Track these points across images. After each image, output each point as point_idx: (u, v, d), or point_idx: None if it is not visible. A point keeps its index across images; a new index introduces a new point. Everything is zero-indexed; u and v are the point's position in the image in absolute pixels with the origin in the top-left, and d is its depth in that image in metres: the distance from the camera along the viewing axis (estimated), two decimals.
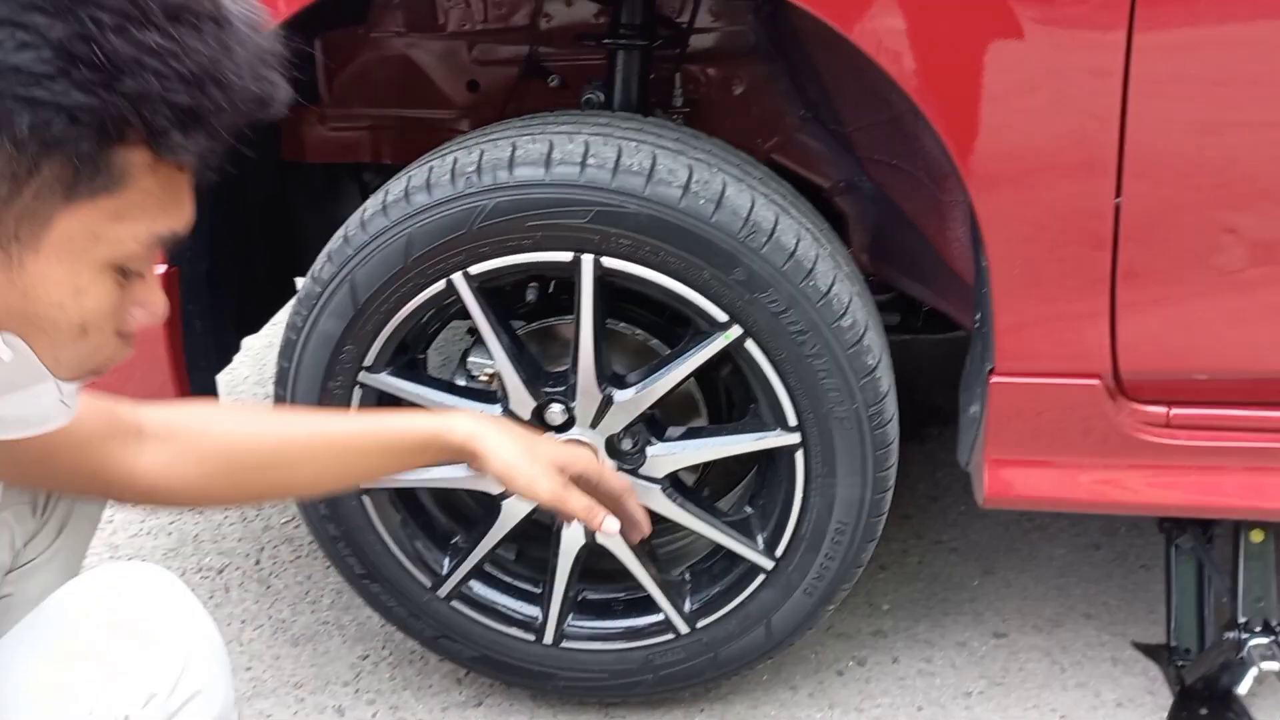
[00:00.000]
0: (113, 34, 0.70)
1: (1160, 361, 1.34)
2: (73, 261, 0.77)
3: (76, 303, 0.79)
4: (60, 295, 0.78)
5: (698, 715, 1.65)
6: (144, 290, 0.84)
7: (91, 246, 0.78)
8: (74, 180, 0.74)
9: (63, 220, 0.75)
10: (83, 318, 0.80)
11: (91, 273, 0.79)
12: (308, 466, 1.13)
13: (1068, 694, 1.68)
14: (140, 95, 0.72)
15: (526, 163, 1.32)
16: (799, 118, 1.77)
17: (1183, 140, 1.26)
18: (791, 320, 1.35)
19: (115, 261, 0.79)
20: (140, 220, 0.79)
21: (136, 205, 0.78)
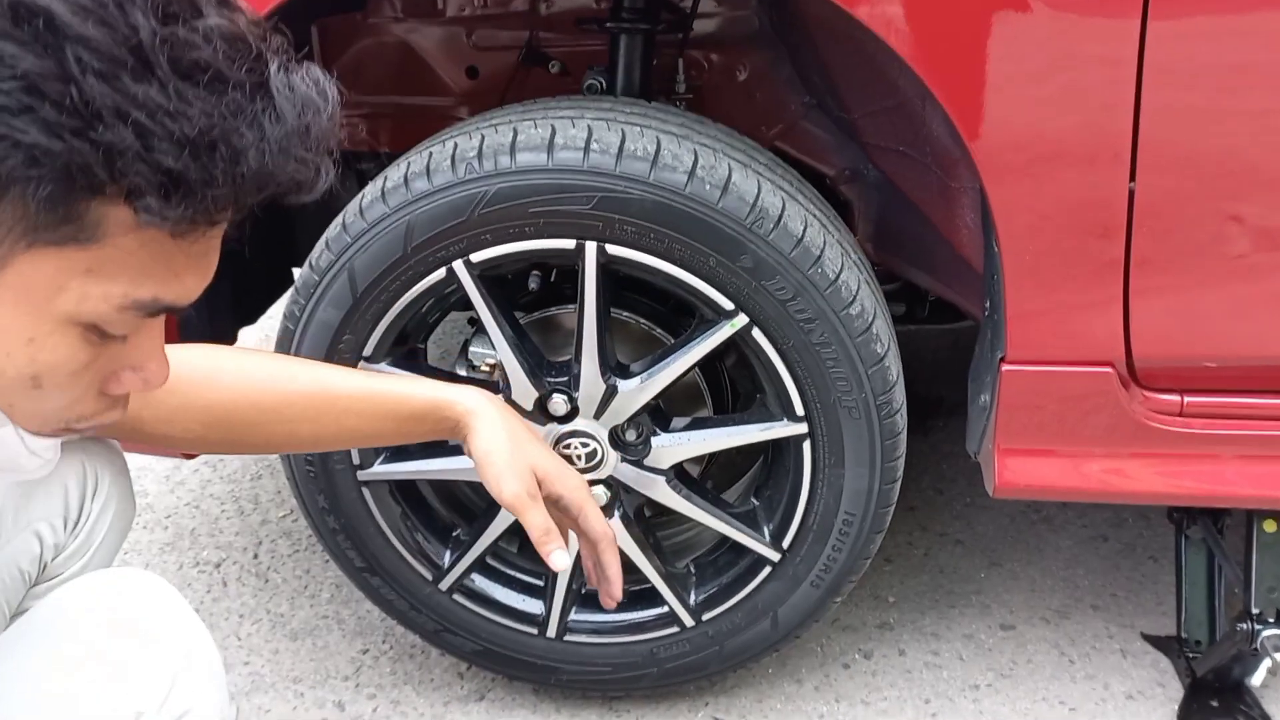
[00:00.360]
0: (95, 78, 0.64)
1: (1174, 349, 1.31)
2: (29, 309, 0.71)
3: (26, 353, 0.72)
4: (10, 343, 0.72)
5: (702, 709, 1.63)
6: (136, 354, 0.78)
7: (54, 297, 0.71)
8: (35, 224, 0.67)
9: (22, 263, 0.69)
10: (34, 370, 0.73)
11: (50, 325, 0.72)
12: (308, 425, 1.12)
13: (1077, 686, 1.67)
14: (114, 148, 0.65)
15: (528, 148, 1.30)
16: (803, 105, 1.75)
17: (1197, 128, 1.24)
18: (799, 308, 1.33)
19: (82, 319, 0.72)
20: (116, 281, 0.71)
21: (113, 264, 0.71)
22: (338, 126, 0.75)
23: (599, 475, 1.47)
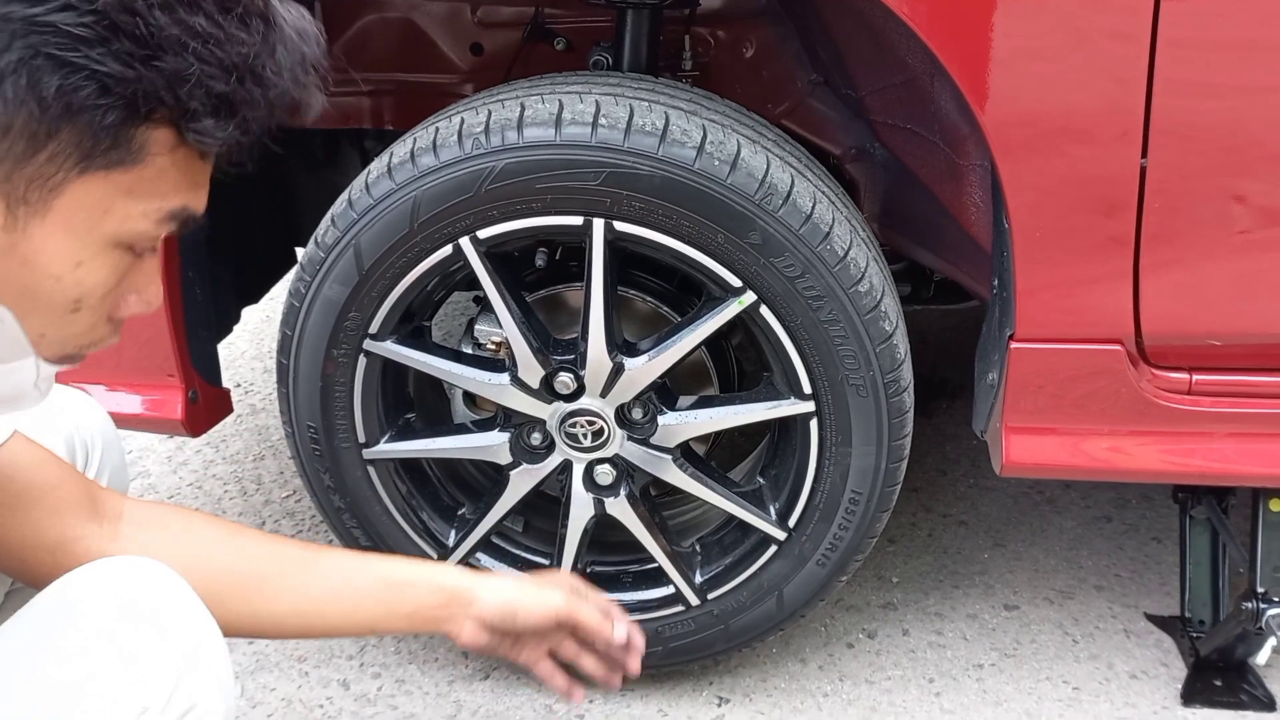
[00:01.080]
0: (160, 10, 0.70)
1: (1184, 326, 1.31)
2: (79, 233, 0.76)
3: (75, 277, 0.77)
4: (60, 267, 0.76)
5: (707, 688, 1.63)
6: (143, 277, 0.83)
7: (100, 220, 0.76)
8: (92, 150, 0.73)
9: (74, 189, 0.74)
10: (80, 293, 0.78)
11: (96, 247, 0.77)
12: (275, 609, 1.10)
13: (1080, 666, 1.67)
14: (178, 75, 0.72)
15: (536, 123, 1.29)
16: (810, 82, 1.74)
17: (1209, 104, 1.23)
18: (807, 285, 1.32)
19: (122, 238, 0.78)
20: (153, 198, 0.78)
21: (151, 182, 0.77)
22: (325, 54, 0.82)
23: (605, 454, 1.47)
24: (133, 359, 1.52)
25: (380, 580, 1.14)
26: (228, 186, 0.92)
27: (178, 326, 1.48)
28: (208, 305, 1.57)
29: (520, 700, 1.61)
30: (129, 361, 1.52)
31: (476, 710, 1.60)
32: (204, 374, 1.55)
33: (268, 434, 2.33)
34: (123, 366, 1.52)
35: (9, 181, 0.72)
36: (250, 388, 2.53)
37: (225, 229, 1.60)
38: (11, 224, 0.74)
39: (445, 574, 1.17)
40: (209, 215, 0.98)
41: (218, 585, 1.02)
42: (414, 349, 1.44)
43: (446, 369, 1.45)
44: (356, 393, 1.45)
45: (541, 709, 1.59)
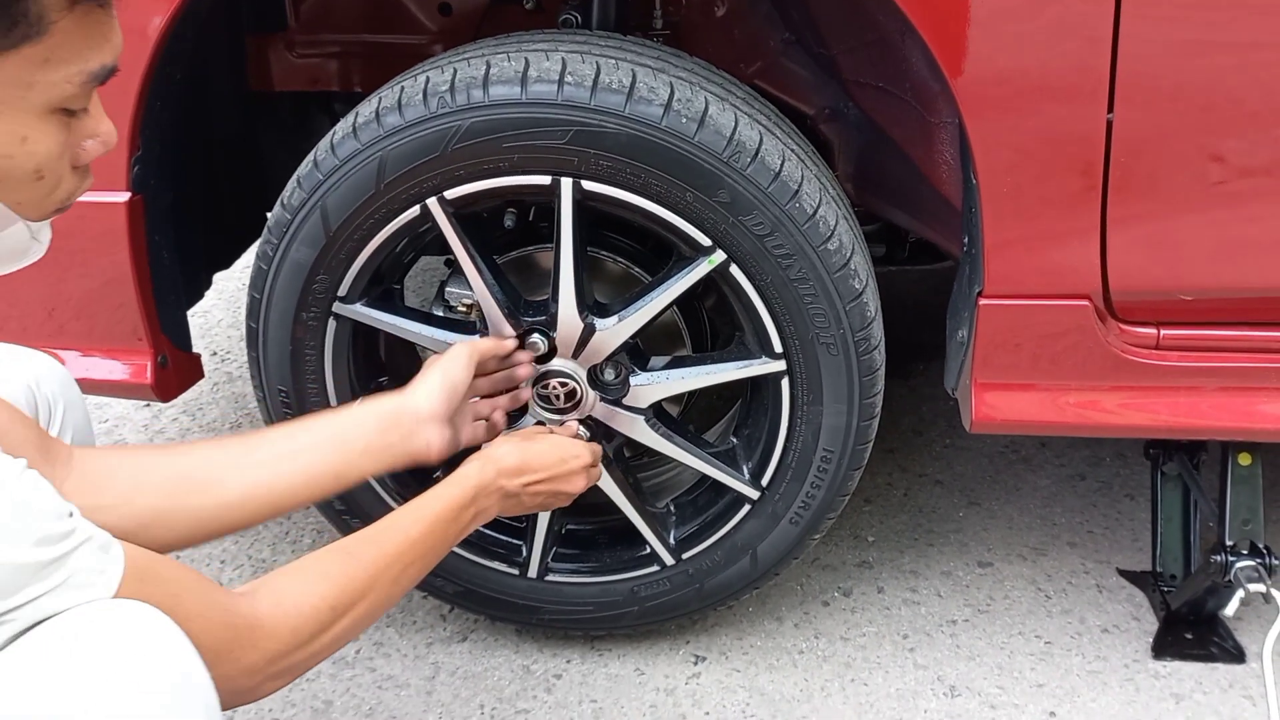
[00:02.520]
0: None
1: (1151, 281, 1.31)
2: (11, 113, 0.81)
3: (25, 150, 0.82)
4: (8, 147, 0.82)
5: (683, 647, 1.64)
6: (91, 123, 0.88)
7: (26, 94, 0.81)
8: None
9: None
10: (35, 163, 0.83)
11: (33, 119, 0.82)
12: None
13: (1053, 620, 1.69)
14: None
15: (501, 81, 1.28)
16: (782, 41, 1.73)
17: (1174, 61, 1.23)
18: (777, 243, 1.32)
19: (54, 105, 0.82)
20: (69, 61, 0.82)
21: (61, 47, 0.80)
22: None
23: (578, 415, 1.47)
24: (103, 325, 1.50)
25: (322, 433, 1.20)
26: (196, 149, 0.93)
27: (146, 292, 1.47)
28: (176, 271, 1.55)
29: (498, 661, 1.62)
30: (99, 327, 1.51)
31: (455, 671, 1.61)
32: (174, 339, 1.54)
33: (244, 401, 2.32)
34: (93, 332, 1.51)
35: None
36: (226, 355, 2.52)
37: (193, 195, 1.60)
38: None
39: (380, 401, 1.24)
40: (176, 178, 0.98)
41: (169, 491, 1.08)
42: (384, 311, 1.43)
43: (417, 331, 1.44)
44: (327, 356, 1.45)
45: (519, 669, 1.61)
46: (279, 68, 1.75)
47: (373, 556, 1.09)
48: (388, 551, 1.11)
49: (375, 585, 1.08)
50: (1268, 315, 1.35)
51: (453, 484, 1.24)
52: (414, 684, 1.58)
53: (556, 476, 1.33)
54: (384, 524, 1.16)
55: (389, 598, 1.12)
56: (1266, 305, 1.34)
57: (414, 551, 1.14)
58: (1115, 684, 1.56)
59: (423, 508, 1.19)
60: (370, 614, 1.08)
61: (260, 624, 0.95)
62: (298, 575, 1.03)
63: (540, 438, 1.37)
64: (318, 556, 1.07)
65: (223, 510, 1.12)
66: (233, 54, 1.73)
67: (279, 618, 0.97)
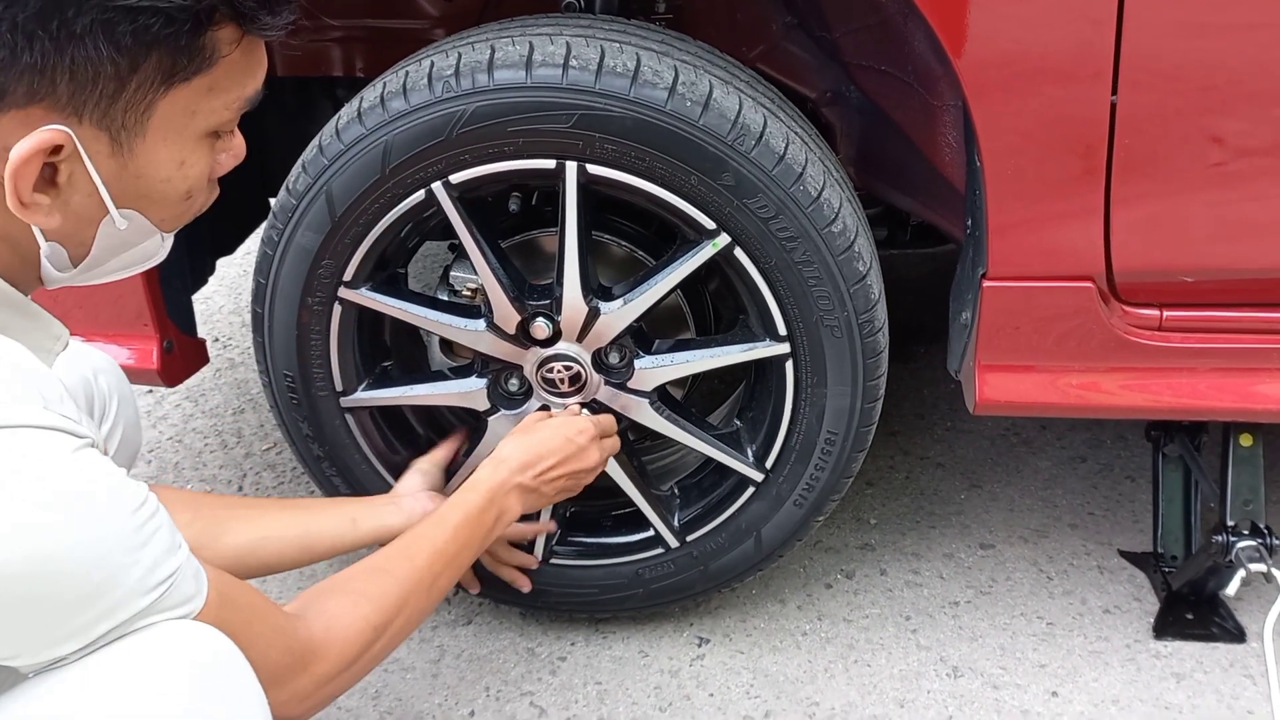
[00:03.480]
0: None
1: (1154, 262, 1.32)
2: (175, 139, 0.85)
3: (182, 174, 0.87)
4: (167, 171, 0.86)
5: (688, 629, 1.65)
6: (229, 139, 0.93)
7: (190, 122, 0.85)
8: (172, 69, 0.82)
9: (164, 105, 0.83)
10: (188, 185, 0.89)
11: (192, 144, 0.87)
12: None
13: (1054, 602, 1.70)
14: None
15: (506, 65, 1.28)
16: (785, 24, 1.72)
17: (1178, 42, 1.23)
18: (781, 226, 1.32)
19: (210, 129, 0.88)
20: (230, 90, 0.87)
21: (226, 77, 0.85)
22: None
23: (582, 399, 1.47)
24: (108, 310, 1.51)
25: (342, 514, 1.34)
26: None
27: (151, 278, 1.48)
28: (181, 256, 1.56)
29: (503, 644, 1.63)
30: (105, 313, 1.51)
31: (460, 654, 1.61)
32: (179, 324, 1.55)
33: (247, 387, 2.33)
34: (99, 318, 1.52)
35: (107, 116, 0.81)
36: (229, 342, 2.52)
37: None
38: (118, 150, 0.83)
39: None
40: None
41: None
42: (389, 296, 1.44)
43: (422, 316, 1.44)
44: (332, 341, 1.45)
45: (524, 652, 1.61)
46: (281, 53, 1.75)
47: (406, 572, 1.13)
48: (419, 565, 1.15)
49: (411, 599, 1.12)
50: (1270, 296, 1.35)
51: (468, 490, 1.29)
52: (419, 667, 1.59)
53: (568, 458, 1.35)
54: (410, 537, 1.20)
55: (423, 610, 1.16)
56: (1269, 286, 1.35)
57: (443, 560, 1.18)
58: (1117, 664, 1.57)
59: (444, 518, 1.23)
60: (407, 628, 1.12)
61: (315, 649, 0.98)
62: (342, 596, 1.06)
63: (541, 425, 1.39)
64: (354, 575, 1.11)
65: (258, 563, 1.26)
66: None
67: (329, 642, 1.00)
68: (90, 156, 0.82)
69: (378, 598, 1.07)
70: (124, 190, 0.85)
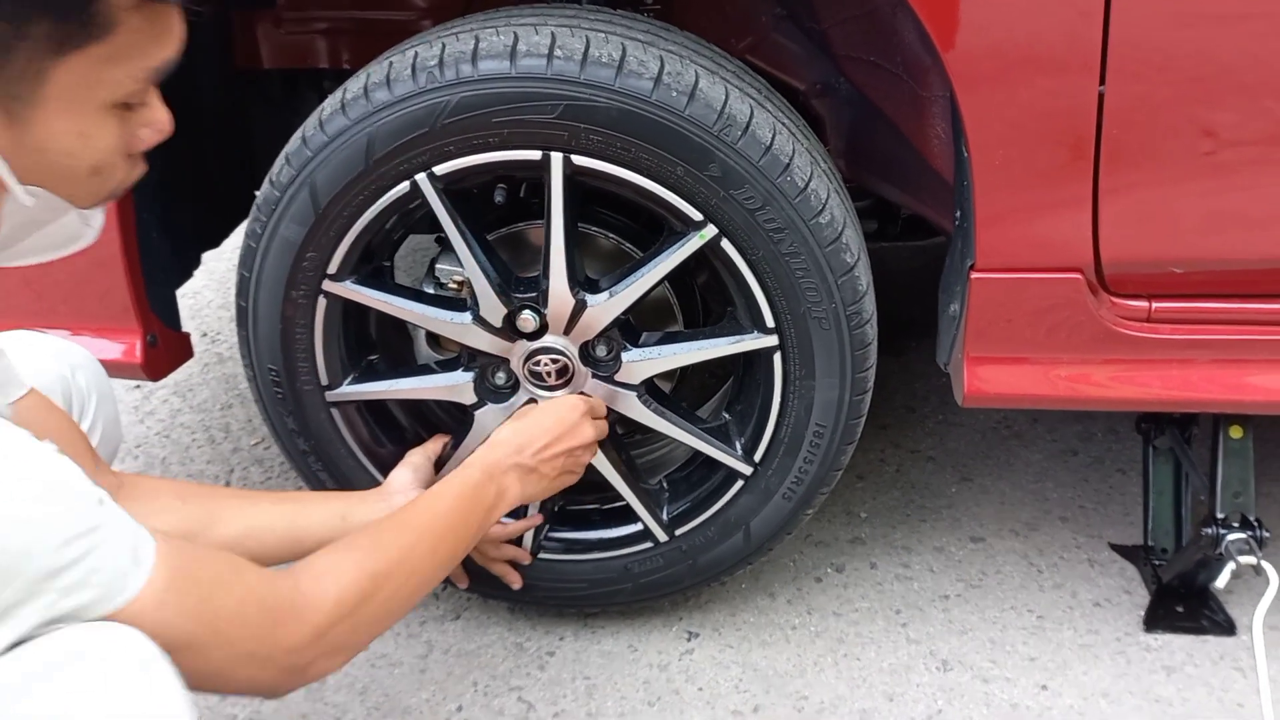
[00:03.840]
0: None
1: (1142, 253, 1.31)
2: (75, 110, 0.81)
3: (86, 146, 0.83)
4: (69, 143, 0.82)
5: (677, 623, 1.65)
6: (148, 113, 0.88)
7: (90, 92, 0.80)
8: (62, 35, 0.77)
9: (58, 73, 0.78)
10: (94, 159, 0.84)
11: (95, 116, 0.82)
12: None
13: (1045, 595, 1.69)
14: None
15: (491, 55, 1.27)
16: (774, 16, 1.72)
17: (1165, 33, 1.22)
18: (768, 217, 1.31)
19: (116, 100, 0.83)
20: (134, 59, 0.81)
21: (127, 45, 0.80)
22: None
23: (570, 391, 1.46)
24: (92, 304, 1.50)
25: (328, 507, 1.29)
26: (184, 129, 0.93)
27: (134, 271, 1.46)
28: (165, 249, 1.55)
29: (491, 639, 1.62)
30: (88, 306, 1.50)
31: (448, 649, 1.61)
32: (163, 318, 1.53)
33: (235, 382, 2.32)
34: (82, 311, 1.51)
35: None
36: (217, 336, 2.51)
37: (182, 173, 1.58)
38: (11, 121, 0.78)
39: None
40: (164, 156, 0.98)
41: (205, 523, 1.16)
42: (374, 289, 1.43)
43: (408, 309, 1.44)
44: (317, 334, 1.44)
45: (512, 647, 1.61)
46: (267, 45, 1.74)
47: (398, 530, 1.12)
48: (414, 525, 1.15)
49: (412, 556, 1.10)
50: (1258, 287, 1.35)
51: (461, 469, 1.28)
52: (407, 662, 1.58)
53: (563, 435, 1.36)
54: (405, 508, 1.20)
55: (426, 572, 1.14)
56: (1257, 277, 1.34)
57: (441, 525, 1.18)
58: (1107, 657, 1.57)
59: (440, 492, 1.24)
60: (409, 588, 1.10)
61: (302, 599, 0.95)
62: (331, 552, 1.05)
63: (530, 409, 1.40)
64: (350, 536, 1.10)
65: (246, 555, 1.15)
66: (220, 31, 1.72)
67: (319, 590, 0.97)
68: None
69: (371, 549, 1.06)
70: (25, 165, 0.81)
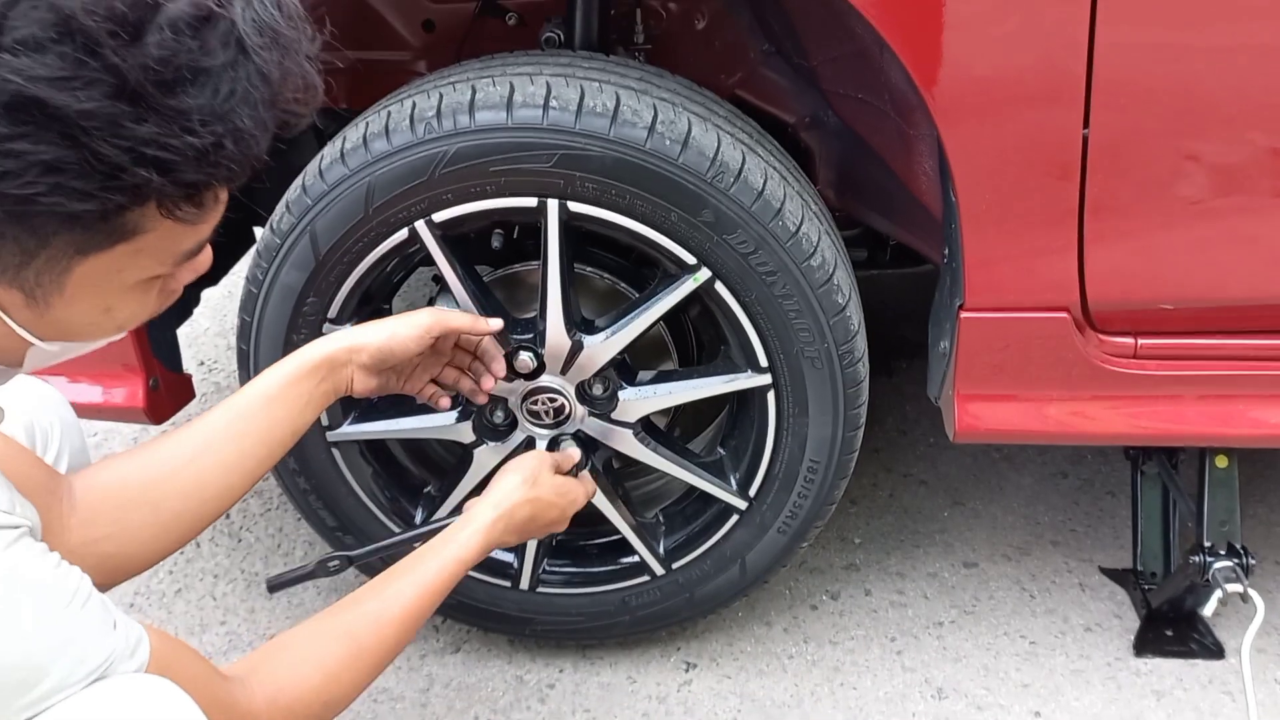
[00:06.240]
0: (101, 140, 0.68)
1: (1128, 292, 1.34)
2: (99, 292, 0.79)
3: (109, 318, 0.82)
4: (91, 316, 0.81)
5: (675, 654, 1.67)
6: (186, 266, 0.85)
7: (115, 278, 0.79)
8: (85, 244, 0.75)
9: (81, 268, 0.76)
10: (118, 324, 0.84)
11: (119, 295, 0.81)
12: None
13: (1037, 620, 1.72)
14: (141, 187, 0.71)
15: (487, 106, 1.29)
16: (762, 52, 1.74)
17: (1150, 69, 1.25)
18: (760, 261, 1.34)
19: (143, 279, 0.81)
20: (162, 250, 0.79)
21: (156, 242, 0.78)
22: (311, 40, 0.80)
23: (567, 430, 1.48)
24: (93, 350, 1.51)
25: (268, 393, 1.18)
26: None
27: None
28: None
29: (491, 672, 1.64)
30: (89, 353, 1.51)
31: (449, 683, 1.63)
32: (165, 361, 1.55)
33: None
34: (83, 358, 1.51)
35: (18, 278, 0.76)
36: (214, 365, 2.53)
37: None
38: (33, 303, 0.78)
39: (315, 348, 1.21)
40: None
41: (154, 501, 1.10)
42: None
43: None
44: None
45: (512, 680, 1.63)
46: None
47: (375, 637, 1.11)
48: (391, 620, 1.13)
49: (374, 663, 1.11)
50: (1243, 323, 1.37)
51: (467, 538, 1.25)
52: (409, 696, 1.60)
53: (557, 521, 1.37)
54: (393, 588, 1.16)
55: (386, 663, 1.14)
56: (1242, 314, 1.37)
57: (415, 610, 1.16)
58: (1098, 682, 1.59)
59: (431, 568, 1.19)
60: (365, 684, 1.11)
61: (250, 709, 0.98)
62: (295, 666, 1.04)
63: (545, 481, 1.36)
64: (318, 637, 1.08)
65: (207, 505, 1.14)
66: None
67: (273, 714, 0.99)
68: (4, 308, 0.79)
69: (335, 669, 1.06)
70: (47, 330, 0.81)
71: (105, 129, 0.69)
